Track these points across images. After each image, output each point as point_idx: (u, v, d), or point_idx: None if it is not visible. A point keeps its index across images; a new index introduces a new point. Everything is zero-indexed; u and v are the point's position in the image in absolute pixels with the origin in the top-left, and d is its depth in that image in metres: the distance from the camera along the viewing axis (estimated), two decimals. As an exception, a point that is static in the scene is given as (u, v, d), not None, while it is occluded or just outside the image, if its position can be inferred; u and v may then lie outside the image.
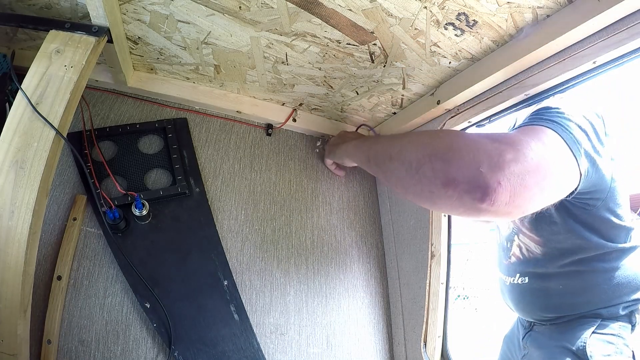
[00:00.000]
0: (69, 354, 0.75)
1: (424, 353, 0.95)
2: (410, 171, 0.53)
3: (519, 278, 0.90)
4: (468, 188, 0.45)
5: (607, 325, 0.77)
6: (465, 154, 0.47)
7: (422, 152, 0.52)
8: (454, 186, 0.47)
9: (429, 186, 0.51)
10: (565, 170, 0.56)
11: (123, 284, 0.81)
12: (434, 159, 0.50)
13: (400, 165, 0.55)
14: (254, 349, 0.86)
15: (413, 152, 0.53)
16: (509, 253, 0.94)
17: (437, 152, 0.50)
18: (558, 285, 0.82)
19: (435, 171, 0.49)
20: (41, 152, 0.60)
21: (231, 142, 1.02)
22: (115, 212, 0.79)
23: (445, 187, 0.48)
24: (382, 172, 0.63)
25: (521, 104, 0.76)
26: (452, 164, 0.47)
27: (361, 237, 1.11)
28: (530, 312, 0.91)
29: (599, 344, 0.75)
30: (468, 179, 0.45)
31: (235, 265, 0.93)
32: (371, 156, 0.68)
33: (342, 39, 0.75)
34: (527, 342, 0.92)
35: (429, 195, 0.51)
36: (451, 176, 0.47)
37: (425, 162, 0.51)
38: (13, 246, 0.57)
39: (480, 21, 0.66)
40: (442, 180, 0.48)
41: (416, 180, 0.52)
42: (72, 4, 0.71)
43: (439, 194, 0.50)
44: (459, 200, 0.48)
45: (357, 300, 1.05)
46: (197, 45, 0.81)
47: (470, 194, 0.45)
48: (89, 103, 0.89)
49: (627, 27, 0.55)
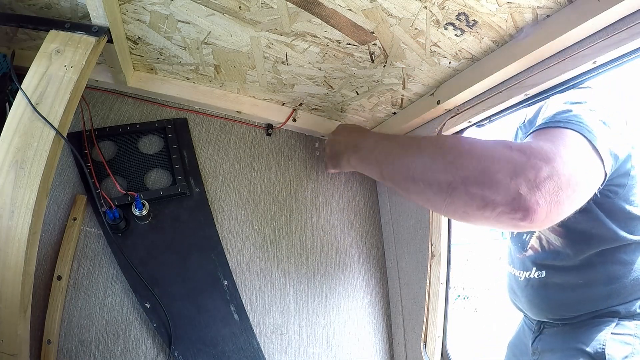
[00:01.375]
0: (69, 354, 0.75)
1: (424, 353, 0.95)
2: (440, 194, 0.50)
3: (536, 272, 0.86)
4: (507, 210, 0.45)
5: (624, 325, 0.75)
6: (502, 176, 0.45)
7: (451, 175, 0.49)
8: (492, 208, 0.46)
9: (463, 208, 0.49)
10: (593, 175, 0.56)
11: (123, 284, 0.81)
12: (468, 184, 0.47)
13: (427, 189, 0.52)
14: (254, 349, 0.86)
15: (441, 174, 0.50)
16: (526, 246, 0.91)
17: (470, 175, 0.47)
18: (577, 280, 0.79)
19: (470, 195, 0.47)
20: (41, 152, 0.60)
21: (231, 142, 1.02)
22: (115, 212, 0.80)
23: (482, 210, 0.47)
24: (403, 190, 0.58)
25: (521, 104, 0.76)
26: (489, 188, 0.46)
27: (361, 237, 1.11)
28: (545, 309, 0.87)
29: (617, 346, 0.73)
30: (507, 202, 0.45)
31: (235, 265, 0.93)
32: (385, 174, 0.63)
33: (342, 39, 0.75)
34: (537, 346, 0.89)
35: (462, 215, 0.50)
36: (489, 199, 0.46)
37: (457, 186, 0.48)
38: (13, 246, 0.57)
39: (480, 21, 0.66)
40: (478, 203, 0.47)
41: (448, 203, 0.50)
42: (72, 4, 0.71)
43: (474, 215, 0.49)
44: (495, 220, 0.47)
45: (357, 300, 1.05)
46: (197, 45, 0.81)
47: (509, 215, 0.45)
48: (89, 103, 0.89)
49: (627, 27, 0.55)
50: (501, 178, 0.45)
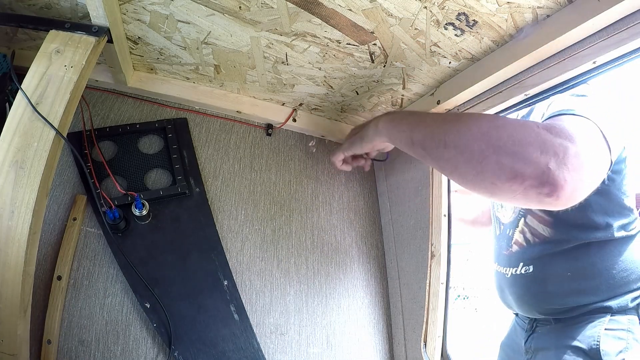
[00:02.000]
0: (69, 354, 0.75)
1: (424, 353, 0.95)
2: (471, 162, 0.51)
3: (523, 267, 0.87)
4: (536, 184, 0.46)
5: (617, 320, 0.76)
6: (532, 150, 0.47)
7: (485, 142, 0.50)
8: (521, 181, 0.47)
9: (491, 179, 0.50)
10: (603, 162, 0.58)
11: (123, 284, 0.81)
12: (500, 153, 0.49)
13: (458, 155, 0.53)
14: (254, 349, 0.86)
15: (474, 142, 0.51)
16: (511, 242, 0.91)
17: (503, 145, 0.49)
18: (566, 272, 0.80)
19: (501, 165, 0.49)
20: (41, 152, 0.60)
21: (231, 142, 1.02)
22: (115, 212, 0.80)
23: (511, 181, 0.48)
24: (433, 158, 0.58)
25: (521, 104, 0.76)
26: (520, 159, 0.47)
27: (361, 237, 1.11)
28: (534, 305, 0.87)
29: (611, 341, 0.74)
30: (536, 175, 0.46)
31: (235, 265, 0.93)
32: (416, 139, 0.61)
33: (342, 39, 0.75)
34: (530, 345, 0.89)
35: (490, 186, 0.51)
36: (519, 172, 0.47)
37: (489, 154, 0.49)
38: (13, 246, 0.57)
39: (480, 21, 0.66)
40: (507, 175, 0.48)
41: (477, 171, 0.51)
42: (72, 4, 0.71)
43: (502, 187, 0.50)
44: (522, 194, 0.49)
45: (357, 300, 1.05)
46: (197, 45, 0.81)
47: (537, 189, 0.47)
48: (89, 103, 0.89)
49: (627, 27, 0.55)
50: (532, 152, 0.47)
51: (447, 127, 0.57)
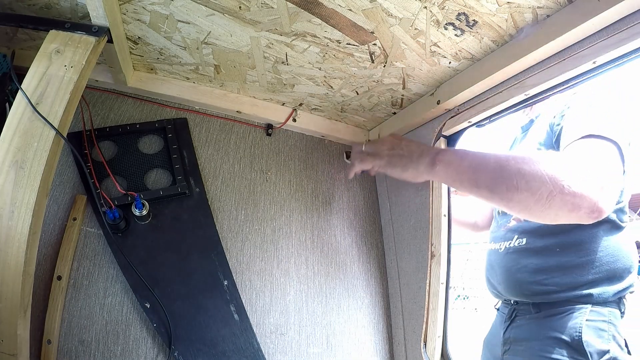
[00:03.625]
0: (69, 354, 0.75)
1: (424, 353, 0.95)
2: (540, 201, 0.63)
3: (517, 240, 0.91)
4: (589, 212, 0.63)
5: (597, 311, 0.79)
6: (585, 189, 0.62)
7: (552, 185, 0.62)
8: (578, 211, 0.63)
9: (556, 212, 0.63)
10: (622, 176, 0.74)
11: (123, 284, 0.81)
12: (565, 193, 0.62)
13: (529, 196, 0.63)
14: (254, 349, 0.86)
15: (544, 186, 0.63)
16: (510, 218, 0.95)
17: (566, 186, 0.62)
18: (555, 247, 0.85)
19: (565, 202, 0.62)
20: (41, 152, 0.60)
21: (231, 142, 1.02)
22: (115, 212, 0.79)
23: (570, 212, 0.63)
24: (501, 199, 0.67)
25: (521, 104, 0.76)
26: (578, 197, 0.62)
27: (361, 237, 1.11)
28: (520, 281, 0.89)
29: (592, 332, 0.77)
30: (589, 207, 0.63)
31: (235, 265, 0.93)
32: (482, 183, 0.69)
33: (342, 39, 0.75)
34: (509, 335, 0.90)
35: (553, 217, 0.65)
36: (577, 205, 0.62)
37: (556, 195, 0.62)
38: (13, 246, 0.57)
39: (480, 21, 0.66)
40: (569, 208, 0.63)
41: (545, 208, 0.63)
42: (72, 4, 0.71)
43: (563, 216, 0.64)
44: (577, 218, 0.64)
45: (357, 300, 1.05)
46: (197, 45, 0.81)
47: (589, 215, 0.63)
48: (89, 103, 0.89)
49: (627, 27, 0.55)
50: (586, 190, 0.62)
51: (516, 171, 0.65)
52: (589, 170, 0.67)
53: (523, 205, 0.65)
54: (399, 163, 0.76)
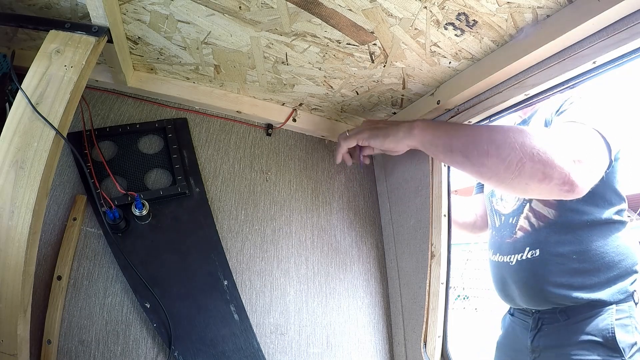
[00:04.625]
0: (69, 354, 0.75)
1: (424, 353, 0.95)
2: (510, 168, 0.62)
3: (529, 252, 0.91)
4: (560, 183, 0.62)
5: (621, 309, 0.82)
6: (557, 158, 0.61)
7: (522, 153, 0.62)
8: (548, 181, 0.62)
9: (526, 180, 0.63)
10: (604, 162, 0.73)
11: (123, 284, 0.81)
12: (534, 160, 0.61)
13: (499, 163, 0.63)
14: (254, 349, 0.86)
15: (513, 152, 0.62)
16: (514, 229, 0.95)
17: (536, 154, 0.61)
18: (571, 254, 0.86)
19: (534, 170, 0.61)
20: (41, 152, 0.60)
21: (231, 142, 1.02)
22: (115, 212, 0.79)
23: (541, 182, 0.62)
24: (473, 164, 0.68)
25: (521, 104, 0.76)
26: (548, 166, 0.61)
27: (361, 237, 1.11)
28: (540, 291, 0.89)
29: (621, 329, 0.80)
30: (560, 177, 0.61)
31: (235, 265, 0.93)
32: (456, 147, 0.70)
33: (342, 39, 0.75)
34: (538, 344, 0.90)
35: (523, 186, 0.64)
36: (548, 175, 0.61)
37: (526, 162, 0.61)
38: (13, 246, 0.57)
39: (480, 21, 0.67)
40: (539, 177, 0.62)
41: (514, 176, 0.63)
42: (72, 4, 0.71)
43: (533, 186, 0.63)
44: (548, 190, 0.63)
45: (357, 300, 1.05)
46: (197, 45, 0.81)
47: (559, 187, 0.62)
48: (89, 103, 0.89)
49: (627, 27, 0.55)
50: (557, 160, 0.61)
51: (487, 137, 0.66)
52: (562, 142, 0.66)
53: (494, 171, 0.65)
54: (380, 133, 0.82)
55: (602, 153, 0.72)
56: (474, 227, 1.29)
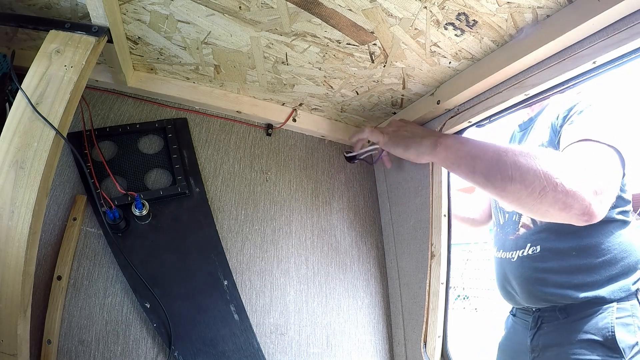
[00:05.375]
0: (69, 354, 0.75)
1: (424, 353, 0.95)
2: (532, 195, 0.63)
3: (530, 248, 0.91)
4: (579, 214, 0.63)
5: (622, 307, 0.81)
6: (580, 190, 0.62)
7: (546, 181, 0.62)
8: (568, 210, 0.63)
9: (547, 207, 0.63)
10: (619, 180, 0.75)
11: (123, 284, 0.81)
12: (558, 190, 0.62)
13: (523, 189, 0.63)
14: (254, 349, 0.86)
15: (537, 180, 0.62)
16: (517, 226, 0.95)
17: (559, 184, 0.62)
18: (571, 251, 0.85)
19: (556, 200, 0.62)
20: (41, 152, 0.60)
21: (231, 142, 1.02)
22: (115, 212, 0.79)
23: (561, 211, 0.63)
24: (495, 188, 0.67)
25: (521, 104, 0.76)
26: (570, 197, 0.62)
27: (361, 237, 1.11)
28: (539, 288, 0.89)
29: (622, 328, 0.79)
30: (581, 208, 0.63)
31: (235, 265, 0.93)
32: (479, 169, 0.69)
33: (342, 39, 0.75)
34: (538, 343, 0.89)
35: (544, 213, 0.65)
36: (569, 204, 0.62)
37: (549, 191, 0.62)
38: (13, 246, 0.57)
39: (480, 21, 0.66)
40: (560, 207, 0.63)
41: (537, 202, 0.63)
42: (72, 4, 0.71)
43: (553, 213, 0.64)
44: (567, 218, 0.64)
45: (357, 300, 1.05)
46: (197, 45, 0.81)
47: (579, 217, 0.64)
48: (89, 103, 0.89)
49: (627, 27, 0.55)
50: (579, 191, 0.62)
51: (512, 162, 0.65)
52: (585, 172, 0.67)
53: (515, 196, 0.65)
54: (402, 142, 0.79)
55: (618, 174, 0.73)
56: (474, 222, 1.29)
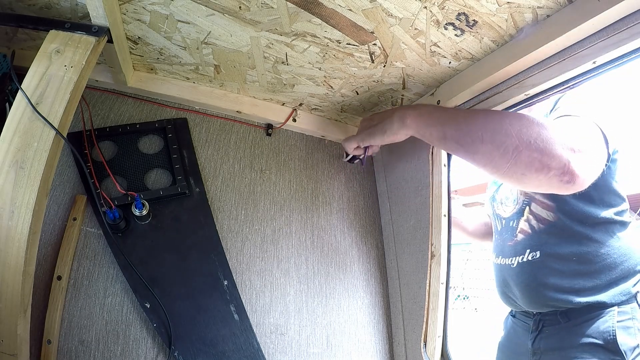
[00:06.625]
0: (69, 354, 0.75)
1: (424, 353, 0.95)
2: (505, 156, 0.59)
3: (530, 254, 0.91)
4: (559, 174, 0.58)
5: (622, 310, 0.81)
6: (556, 147, 0.58)
7: (519, 140, 0.58)
8: (547, 172, 0.58)
9: (522, 170, 0.59)
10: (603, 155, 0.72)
11: (123, 284, 0.81)
12: (531, 149, 0.58)
13: (494, 149, 0.60)
14: (254, 349, 0.86)
15: (509, 139, 0.59)
16: (516, 231, 0.95)
17: (533, 142, 0.58)
18: (571, 256, 0.85)
19: (531, 159, 0.58)
20: (41, 152, 0.60)
21: (231, 142, 1.02)
22: (115, 212, 0.79)
23: (539, 172, 0.59)
24: (467, 151, 0.65)
25: (521, 104, 0.76)
26: (546, 155, 0.58)
27: (361, 237, 1.11)
28: (540, 293, 0.89)
29: (623, 331, 0.79)
30: (559, 167, 0.58)
31: (235, 265, 0.93)
32: (449, 134, 0.67)
33: (342, 39, 0.75)
34: (539, 346, 0.89)
35: (520, 176, 0.61)
36: (546, 164, 0.58)
37: (523, 149, 0.58)
38: (13, 246, 0.57)
39: (480, 21, 0.67)
40: (537, 167, 0.58)
41: (510, 164, 0.60)
42: (72, 4, 0.71)
43: (530, 176, 0.60)
44: (547, 181, 0.60)
45: (357, 300, 1.05)
46: (197, 45, 0.81)
47: (559, 177, 0.59)
48: (89, 103, 0.89)
49: (627, 27, 0.55)
50: (556, 148, 0.58)
51: (482, 124, 0.63)
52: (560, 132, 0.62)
53: (488, 158, 0.62)
54: (375, 131, 0.80)
55: (600, 144, 0.71)
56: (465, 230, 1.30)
